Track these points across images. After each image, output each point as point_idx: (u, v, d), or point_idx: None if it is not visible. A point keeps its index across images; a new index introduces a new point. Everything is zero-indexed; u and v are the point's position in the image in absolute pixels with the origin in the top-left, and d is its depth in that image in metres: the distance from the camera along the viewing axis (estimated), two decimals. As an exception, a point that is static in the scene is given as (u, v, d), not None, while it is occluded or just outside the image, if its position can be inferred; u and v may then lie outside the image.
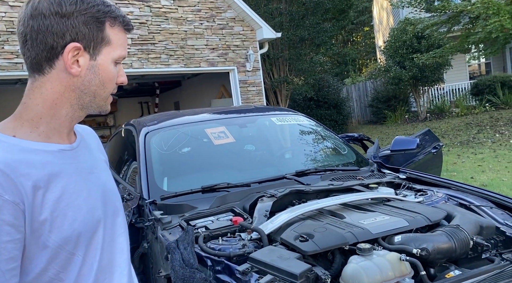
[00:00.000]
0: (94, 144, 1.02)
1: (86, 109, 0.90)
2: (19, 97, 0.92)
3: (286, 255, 1.40)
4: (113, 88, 0.91)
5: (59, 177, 0.82)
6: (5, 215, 0.72)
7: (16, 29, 0.88)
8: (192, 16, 8.25)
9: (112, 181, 1.00)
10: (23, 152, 0.80)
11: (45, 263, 0.79)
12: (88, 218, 0.85)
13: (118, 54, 0.89)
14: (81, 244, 0.83)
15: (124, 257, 0.95)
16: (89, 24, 0.84)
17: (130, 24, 0.93)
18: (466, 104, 13.28)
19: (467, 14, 9.79)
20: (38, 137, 0.84)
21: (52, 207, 0.79)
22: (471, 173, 6.12)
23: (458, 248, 1.47)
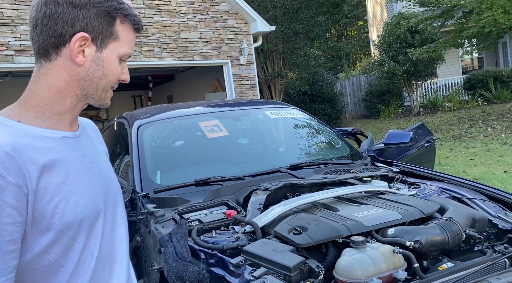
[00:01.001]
0: (94, 136, 1.04)
1: (88, 99, 0.91)
2: (9, 90, 0.91)
3: (279, 248, 1.39)
4: (114, 83, 0.93)
5: (62, 163, 0.84)
6: (7, 196, 0.73)
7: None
8: (186, 8, 8.17)
9: (112, 172, 1.01)
10: (28, 137, 0.81)
11: (45, 246, 0.80)
12: (90, 204, 0.86)
13: (124, 51, 0.91)
14: (83, 230, 0.85)
15: (124, 247, 0.97)
16: (100, 17, 0.87)
17: (140, 24, 0.95)
18: (458, 98, 13.37)
19: (461, 8, 9.82)
20: (42, 124, 0.86)
21: (55, 192, 0.81)
22: (464, 166, 6.18)
23: (451, 240, 1.48)
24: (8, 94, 10.40)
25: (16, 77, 9.07)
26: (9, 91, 10.29)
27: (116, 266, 0.94)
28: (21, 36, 6.43)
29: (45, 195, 0.79)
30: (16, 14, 6.39)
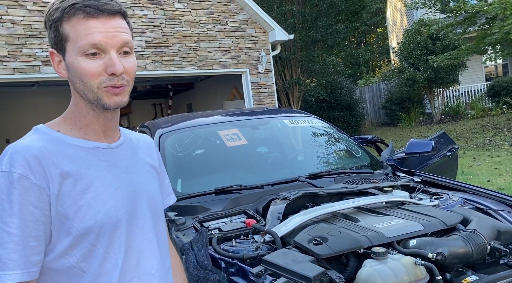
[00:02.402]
0: (143, 150, 1.06)
1: (94, 105, 0.90)
2: (36, 99, 0.97)
3: (299, 258, 1.39)
4: (98, 82, 0.87)
5: (89, 171, 0.88)
6: (30, 196, 0.80)
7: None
8: (205, 18, 8.31)
9: (152, 185, 1.02)
10: (61, 145, 0.88)
11: (66, 248, 0.84)
12: (112, 212, 0.88)
13: (78, 46, 0.85)
14: (103, 237, 0.87)
15: (156, 259, 0.97)
16: (52, 29, 0.89)
17: (91, 6, 0.85)
18: (482, 106, 13.04)
19: (484, 14, 9.62)
20: (77, 134, 0.92)
21: (78, 197, 0.85)
22: (488, 176, 6.01)
23: (475, 253, 1.44)
24: (35, 102, 10.77)
25: (42, 87, 9.38)
26: (36, 100, 10.66)
27: (148, 278, 0.94)
28: (47, 47, 6.66)
29: (68, 199, 0.83)
30: (43, 26, 6.61)
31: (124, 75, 0.89)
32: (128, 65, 0.90)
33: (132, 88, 0.95)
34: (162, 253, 1.01)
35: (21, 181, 0.79)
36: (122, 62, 0.88)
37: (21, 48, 6.42)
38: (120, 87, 0.89)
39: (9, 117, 10.52)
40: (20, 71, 6.42)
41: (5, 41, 6.29)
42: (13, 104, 10.55)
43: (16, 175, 0.80)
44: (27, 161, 0.81)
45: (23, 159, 0.81)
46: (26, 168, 0.80)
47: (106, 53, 0.87)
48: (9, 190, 0.79)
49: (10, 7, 6.34)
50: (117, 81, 0.88)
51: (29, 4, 6.51)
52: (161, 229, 1.03)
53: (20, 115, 10.59)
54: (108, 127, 0.96)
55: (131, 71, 0.91)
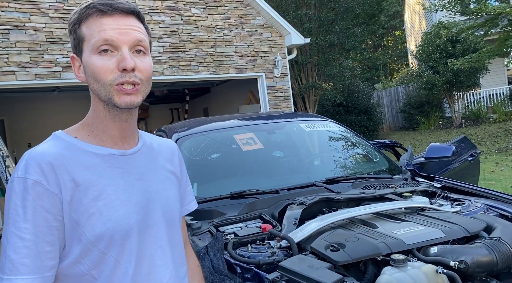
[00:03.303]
0: (164, 156, 1.04)
1: (109, 106, 0.90)
2: (56, 104, 0.98)
3: (316, 264, 1.37)
4: (110, 80, 0.86)
5: (101, 178, 0.88)
6: (44, 202, 0.81)
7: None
8: (222, 23, 8.36)
9: (169, 193, 1.00)
10: (76, 151, 0.88)
11: (77, 255, 0.84)
12: (123, 220, 0.87)
13: (93, 43, 0.86)
14: (114, 245, 0.86)
15: (168, 269, 0.95)
16: (71, 33, 0.91)
17: (104, 4, 0.87)
18: (504, 110, 12.70)
19: (506, 16, 9.39)
20: (93, 140, 0.92)
21: (90, 204, 0.85)
22: (511, 181, 5.83)
23: (500, 261, 1.39)
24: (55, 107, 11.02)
25: (62, 92, 9.61)
26: (56, 105, 10.92)
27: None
28: (67, 53, 6.81)
29: (80, 206, 0.84)
30: (64, 33, 6.79)
31: (137, 73, 0.88)
32: (142, 64, 0.89)
33: (147, 89, 0.93)
34: (177, 262, 0.99)
35: (35, 187, 0.80)
36: (135, 60, 0.88)
37: (42, 54, 6.59)
38: (134, 86, 0.88)
39: (30, 122, 10.81)
40: (42, 77, 6.59)
41: (28, 47, 6.47)
42: (34, 109, 10.83)
43: (30, 181, 0.81)
44: (41, 167, 0.82)
45: (37, 165, 0.82)
46: (40, 174, 0.81)
47: (119, 50, 0.87)
48: (24, 195, 0.80)
49: (32, 15, 6.53)
50: (128, 78, 0.87)
51: (51, 12, 6.68)
52: (176, 237, 1.01)
53: (41, 120, 10.87)
54: (125, 131, 0.95)
55: (144, 70, 0.89)
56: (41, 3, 6.60)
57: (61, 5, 6.77)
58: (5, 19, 6.31)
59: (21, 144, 10.65)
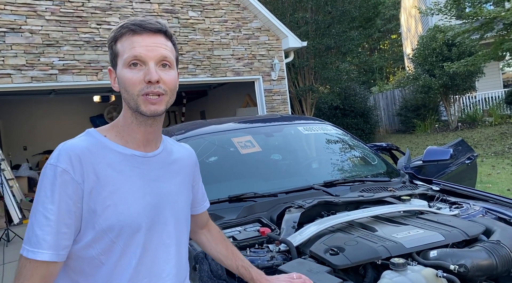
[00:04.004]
0: (181, 161, 1.15)
1: (135, 112, 1.01)
2: (52, 107, 0.99)
3: (316, 268, 1.36)
4: (138, 90, 0.98)
5: (121, 174, 0.98)
6: (68, 189, 0.92)
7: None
8: (219, 26, 8.37)
9: (181, 196, 1.11)
10: (102, 148, 0.99)
11: (90, 240, 0.95)
12: (134, 216, 0.97)
13: (124, 58, 0.99)
14: (122, 236, 0.96)
15: (169, 265, 1.05)
16: (109, 49, 1.04)
17: (136, 24, 0.99)
18: (500, 113, 12.77)
19: (501, 20, 9.46)
20: (120, 141, 1.03)
21: (107, 197, 0.95)
22: (508, 184, 5.85)
23: (500, 265, 1.38)
24: (51, 110, 10.96)
25: (58, 95, 9.56)
26: (52, 108, 10.87)
27: (157, 281, 1.02)
28: (64, 56, 6.79)
29: (98, 197, 0.94)
30: (60, 35, 6.77)
31: (161, 85, 0.99)
32: (166, 77, 1.00)
33: (172, 99, 1.04)
34: (181, 260, 1.09)
35: (62, 174, 0.92)
36: (160, 74, 0.99)
37: (39, 57, 6.56)
38: (158, 96, 0.99)
39: (26, 125, 10.75)
40: (38, 80, 6.55)
41: (24, 50, 6.44)
42: (30, 112, 10.77)
43: (60, 169, 0.92)
44: (70, 158, 0.93)
45: (68, 156, 0.94)
46: (68, 164, 0.93)
47: (146, 64, 0.98)
48: (53, 181, 0.92)
49: (28, 17, 6.50)
50: (153, 88, 0.98)
51: (47, 14, 6.66)
52: (182, 237, 1.10)
53: (37, 123, 10.81)
54: (149, 136, 1.05)
55: (169, 82, 1.01)
56: (38, 6, 6.57)
57: (58, 7, 6.75)
58: (1, 21, 6.28)
59: (16, 147, 10.59)
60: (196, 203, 1.27)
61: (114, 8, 7.28)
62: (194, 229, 1.34)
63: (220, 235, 1.35)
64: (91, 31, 7.05)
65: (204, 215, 1.33)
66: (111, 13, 7.25)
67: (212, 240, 1.33)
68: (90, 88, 7.92)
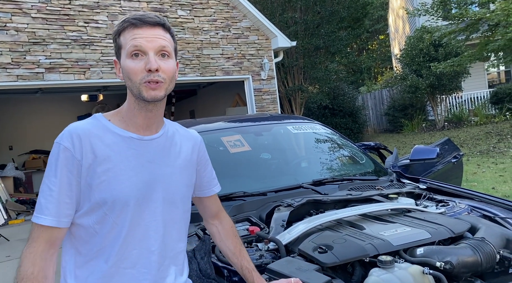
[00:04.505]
0: (184, 145, 1.23)
1: (137, 99, 1.10)
2: (39, 106, 0.99)
3: (304, 266, 1.36)
4: (140, 79, 1.07)
5: (117, 154, 1.09)
6: (69, 164, 1.04)
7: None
8: (208, 26, 8.34)
9: (177, 177, 1.18)
10: (104, 130, 1.10)
11: (87, 210, 1.07)
12: (125, 191, 1.07)
13: (127, 50, 1.08)
14: (114, 209, 1.06)
15: (158, 241, 1.13)
16: (113, 42, 1.14)
17: (136, 18, 1.09)
18: (485, 113, 13.00)
19: (486, 21, 9.63)
20: (121, 125, 1.13)
21: (102, 173, 1.06)
22: (492, 183, 5.96)
23: (484, 261, 1.41)
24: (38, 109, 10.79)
25: (45, 94, 9.42)
26: (39, 107, 10.70)
27: (146, 253, 1.11)
28: (51, 55, 6.69)
29: (94, 173, 1.05)
30: (47, 33, 6.67)
31: (160, 73, 1.08)
32: (164, 65, 1.09)
33: (171, 86, 1.13)
34: (172, 237, 1.17)
35: (65, 151, 1.04)
36: (159, 62, 1.07)
37: (24, 55, 6.45)
38: (157, 83, 1.07)
39: (12, 124, 10.56)
40: (24, 78, 6.45)
41: (9, 48, 6.33)
42: (16, 111, 10.59)
43: (62, 146, 1.05)
44: (72, 138, 1.05)
45: (70, 136, 1.06)
46: (70, 142, 1.05)
47: (147, 54, 1.07)
48: (57, 157, 1.05)
49: (14, 15, 6.39)
50: (153, 76, 1.07)
51: (33, 12, 6.56)
52: (175, 216, 1.18)
53: (23, 122, 10.63)
54: (149, 120, 1.14)
55: (167, 70, 1.09)
56: (23, 3, 6.47)
57: (44, 5, 6.65)
58: (-14, 18, 6.16)
59: (2, 146, 10.40)
60: (203, 186, 1.34)
61: (102, 6, 7.20)
62: (205, 217, 1.41)
63: (232, 230, 1.38)
64: (78, 29, 6.96)
65: (213, 202, 1.38)
66: (99, 11, 7.17)
67: (223, 233, 1.37)
68: (77, 87, 7.82)
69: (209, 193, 1.36)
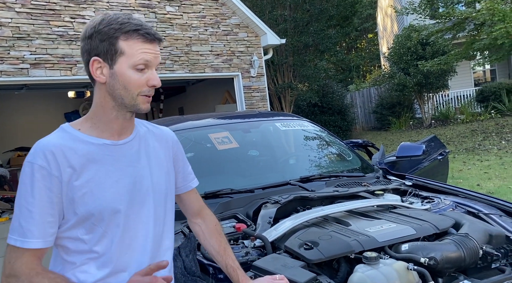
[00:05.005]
0: (158, 143, 1.22)
1: (124, 108, 1.09)
2: (24, 102, 0.97)
3: (290, 263, 1.36)
4: (138, 91, 1.07)
5: (94, 163, 1.06)
6: (47, 182, 1.01)
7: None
8: (197, 22, 8.28)
9: (157, 176, 1.17)
10: (75, 141, 1.07)
11: (74, 224, 1.04)
12: (110, 200, 1.06)
13: (133, 62, 1.06)
14: (102, 220, 1.05)
15: (149, 242, 1.13)
16: (103, 41, 1.06)
17: (148, 35, 1.07)
18: (471, 111, 13.20)
19: (472, 21, 9.76)
20: (94, 132, 1.10)
21: (83, 185, 1.03)
22: (477, 180, 6.05)
23: (467, 257, 1.43)
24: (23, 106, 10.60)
25: (30, 90, 9.25)
26: (24, 104, 10.51)
27: (137, 255, 1.11)
28: (36, 50, 6.57)
29: (75, 186, 1.03)
30: (32, 28, 6.54)
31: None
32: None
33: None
34: (162, 235, 1.17)
35: (40, 170, 1.01)
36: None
37: (8, 50, 6.32)
38: (150, 97, 1.10)
39: (-4, 120, 10.35)
40: (8, 74, 6.32)
41: (-7, 43, 6.19)
42: (1, 108, 10.38)
43: (36, 165, 1.01)
44: (45, 155, 1.02)
45: (42, 153, 1.02)
46: (44, 160, 1.01)
47: (149, 69, 1.09)
48: (31, 177, 1.01)
49: (-2, 9, 6.25)
50: (152, 91, 1.10)
51: (17, 6, 6.42)
52: (163, 215, 1.18)
53: (8, 119, 10.43)
54: (125, 126, 1.13)
55: (158, 85, 1.12)
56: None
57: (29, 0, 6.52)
58: (-32, 12, 6.01)
59: (-15, 143, 10.19)
60: (178, 182, 1.30)
61: (88, 1, 7.09)
62: (188, 216, 1.37)
63: (216, 228, 1.36)
64: (64, 24, 6.84)
65: (194, 199, 1.35)
66: (86, 6, 7.06)
67: (207, 232, 1.34)
68: (64, 83, 7.69)
69: (186, 188, 1.33)
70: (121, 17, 1.07)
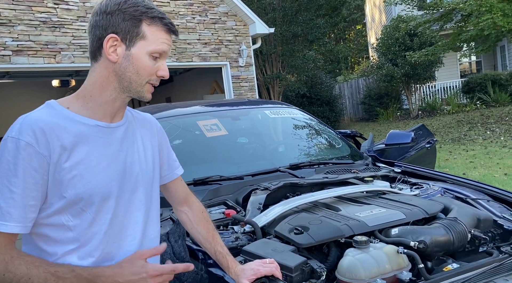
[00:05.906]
0: (145, 130, 1.18)
1: (126, 92, 1.05)
2: (6, 91, 0.91)
3: (280, 248, 1.35)
4: (148, 78, 1.05)
5: (85, 145, 1.00)
6: (34, 162, 0.93)
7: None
8: (184, 10, 8.15)
9: (146, 163, 1.14)
10: (66, 120, 1.00)
11: (59, 208, 0.97)
12: (102, 184, 1.00)
13: (152, 48, 1.03)
14: (92, 205, 0.99)
15: (139, 230, 1.09)
16: (127, 20, 1.02)
17: (171, 26, 1.06)
18: (457, 102, 13.37)
19: (460, 11, 9.83)
20: (85, 112, 1.03)
21: (73, 167, 0.97)
22: (463, 169, 6.15)
23: (456, 240, 1.44)
24: (6, 94, 10.33)
25: (13, 78, 9.02)
26: (7, 92, 10.25)
27: (126, 244, 1.06)
28: (18, 37, 6.38)
29: (64, 167, 0.96)
30: (13, 14, 6.35)
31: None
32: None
33: None
34: (150, 223, 1.13)
35: (26, 148, 0.92)
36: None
37: (-11, 36, 6.13)
38: (154, 87, 1.08)
39: (-22, 110, 10.09)
40: (-11, 61, 6.14)
41: (-28, 29, 5.99)
42: (-18, 97, 10.11)
43: (23, 142, 0.92)
44: (34, 132, 0.93)
45: (31, 130, 0.94)
46: (32, 137, 0.93)
47: (162, 59, 1.07)
48: (16, 154, 0.92)
49: (-23, -7, 6.04)
50: (158, 82, 1.09)
51: (-2, -9, 6.22)
52: (151, 202, 1.14)
53: (-9, 107, 10.18)
54: (119, 110, 1.09)
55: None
56: (-13, -19, 6.12)
57: (10, -16, 6.31)
58: None
59: (-33, 133, 9.93)
60: (163, 170, 1.25)
61: (72, -13, 6.90)
62: (174, 205, 1.33)
63: (203, 215, 1.32)
64: (48, 11, 6.66)
65: (179, 187, 1.31)
66: (69, -8, 6.87)
67: (193, 219, 1.30)
68: (48, 71, 7.51)
69: (172, 176, 1.28)
70: (146, 1, 1.05)
